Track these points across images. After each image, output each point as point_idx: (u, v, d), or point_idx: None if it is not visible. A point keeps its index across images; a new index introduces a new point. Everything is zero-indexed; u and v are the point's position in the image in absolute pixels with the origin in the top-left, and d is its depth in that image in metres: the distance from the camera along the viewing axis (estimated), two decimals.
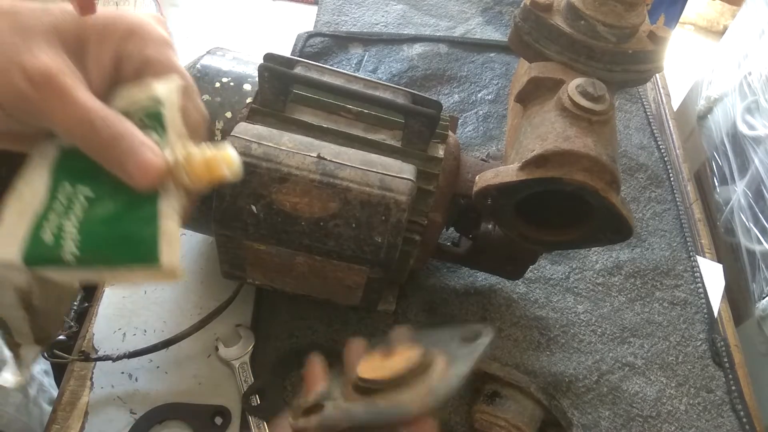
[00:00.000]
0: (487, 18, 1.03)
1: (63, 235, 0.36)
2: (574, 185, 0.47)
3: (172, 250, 0.36)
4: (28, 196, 0.37)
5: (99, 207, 0.37)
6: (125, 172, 0.36)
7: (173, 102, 0.39)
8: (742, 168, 1.08)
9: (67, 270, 0.36)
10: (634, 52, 0.53)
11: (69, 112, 0.35)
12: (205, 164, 0.37)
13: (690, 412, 0.68)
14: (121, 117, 0.37)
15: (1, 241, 0.37)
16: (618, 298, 0.75)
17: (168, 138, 0.38)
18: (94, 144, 0.36)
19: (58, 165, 0.38)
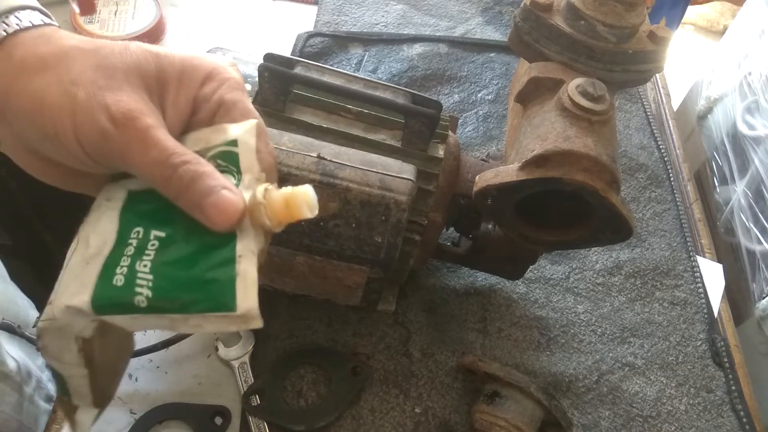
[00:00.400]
0: (487, 18, 1.03)
1: (135, 279, 0.34)
2: (574, 185, 0.47)
3: (249, 295, 0.34)
4: (96, 242, 0.36)
5: (173, 250, 0.36)
6: (204, 213, 0.35)
7: (249, 144, 0.38)
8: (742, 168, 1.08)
9: (137, 317, 0.35)
10: (634, 52, 0.53)
11: (150, 153, 0.35)
12: (285, 203, 0.36)
13: (690, 412, 0.68)
14: (200, 158, 0.36)
15: (70, 286, 0.35)
16: (618, 298, 0.75)
17: (244, 179, 0.37)
18: (174, 185, 0.35)
19: (128, 209, 0.38)
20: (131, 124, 0.35)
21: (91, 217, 0.38)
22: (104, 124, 0.34)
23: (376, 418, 0.62)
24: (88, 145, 0.35)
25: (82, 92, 0.35)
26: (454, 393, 0.65)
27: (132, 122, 0.35)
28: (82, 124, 0.34)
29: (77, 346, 0.37)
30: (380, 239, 0.52)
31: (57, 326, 0.36)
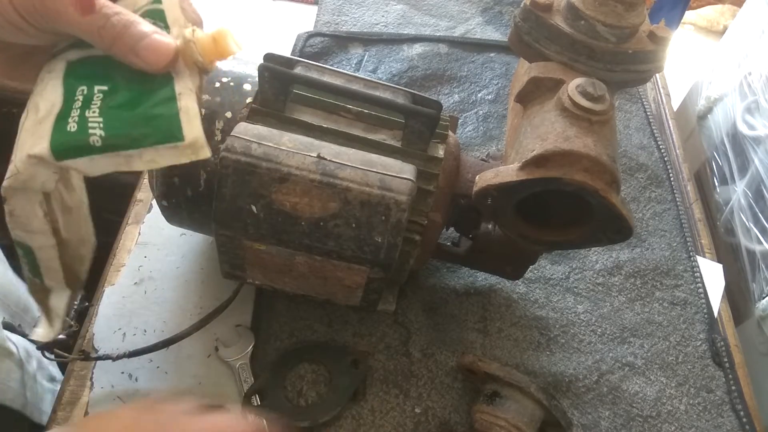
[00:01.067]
0: (487, 18, 1.03)
1: (87, 123, 0.38)
2: (574, 185, 0.47)
3: (193, 125, 0.38)
4: (44, 105, 0.39)
5: (117, 97, 0.39)
6: (139, 56, 0.38)
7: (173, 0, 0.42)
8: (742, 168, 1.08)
9: (95, 159, 0.38)
10: (634, 52, 0.53)
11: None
12: (213, 40, 0.40)
13: (690, 412, 0.68)
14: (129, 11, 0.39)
15: (27, 141, 0.38)
16: (618, 298, 0.75)
17: (172, 31, 0.41)
18: (108, 33, 0.38)
19: (69, 75, 0.41)
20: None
21: (37, 88, 0.41)
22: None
23: (376, 418, 0.62)
24: (23, 9, 0.37)
25: None
26: (454, 393, 0.65)
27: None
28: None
29: (42, 210, 0.40)
30: (380, 239, 0.52)
31: (21, 180, 0.38)
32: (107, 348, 0.64)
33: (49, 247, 0.42)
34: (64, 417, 0.61)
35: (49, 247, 0.42)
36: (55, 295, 0.46)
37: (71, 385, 0.63)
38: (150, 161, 0.39)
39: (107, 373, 0.63)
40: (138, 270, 0.70)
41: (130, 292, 0.69)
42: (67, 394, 0.62)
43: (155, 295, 0.68)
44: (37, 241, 0.42)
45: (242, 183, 0.50)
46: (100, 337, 0.65)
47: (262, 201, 0.50)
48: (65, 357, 0.63)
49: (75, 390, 0.62)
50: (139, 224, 0.74)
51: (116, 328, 0.66)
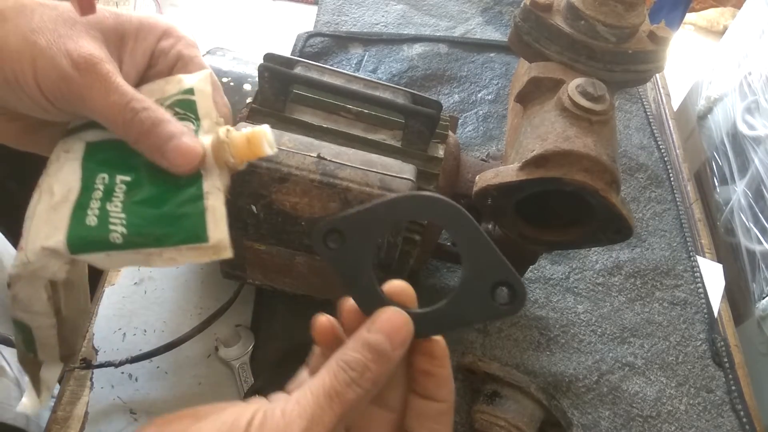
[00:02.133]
0: (487, 18, 1.03)
1: (108, 218, 0.36)
2: (574, 185, 0.47)
3: (219, 227, 0.36)
4: (59, 190, 0.37)
5: (142, 191, 0.37)
6: (165, 157, 0.36)
7: (205, 91, 0.40)
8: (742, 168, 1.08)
9: (112, 254, 0.36)
10: (634, 52, 0.53)
11: (111, 96, 0.36)
12: (247, 141, 0.38)
13: (690, 412, 0.68)
14: (158, 106, 0.38)
15: (41, 230, 0.36)
16: (618, 298, 0.75)
17: (203, 124, 0.39)
18: (135, 129, 0.36)
19: (88, 158, 0.39)
20: (92, 68, 0.36)
21: (51, 168, 0.39)
22: (66, 68, 0.35)
23: None
24: (48, 90, 0.36)
25: (43, 39, 0.36)
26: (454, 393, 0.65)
27: (93, 66, 0.36)
28: (43, 69, 0.35)
29: (47, 294, 0.38)
30: (380, 239, 0.51)
31: (30, 270, 0.37)
32: (107, 348, 0.64)
33: (49, 326, 0.40)
34: (63, 417, 0.61)
35: (49, 327, 0.40)
36: (46, 368, 0.44)
37: (71, 386, 0.63)
38: (170, 260, 0.37)
39: (107, 374, 0.63)
40: (138, 270, 0.70)
41: (130, 292, 0.69)
42: (67, 395, 0.62)
43: (155, 295, 0.68)
44: (37, 322, 0.40)
45: (242, 183, 0.50)
46: (100, 336, 0.65)
47: (262, 201, 0.50)
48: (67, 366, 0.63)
49: (75, 390, 0.62)
50: None
51: (116, 328, 0.66)
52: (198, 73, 0.41)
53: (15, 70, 0.36)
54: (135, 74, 0.40)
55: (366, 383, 0.31)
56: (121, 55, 0.39)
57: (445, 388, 0.34)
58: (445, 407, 0.34)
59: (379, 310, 0.32)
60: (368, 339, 0.31)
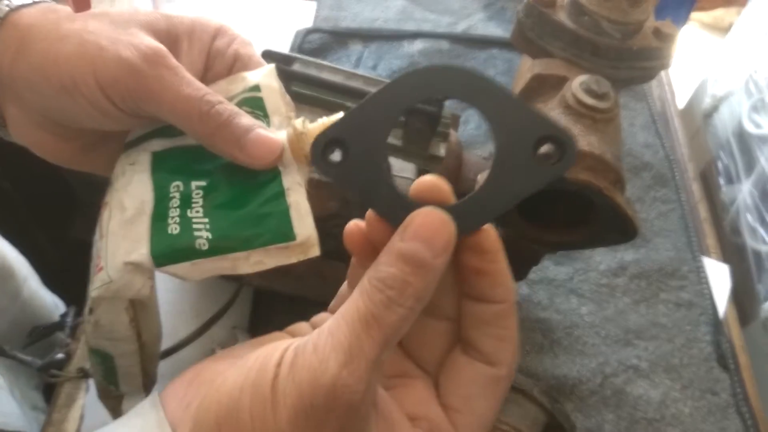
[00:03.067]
0: (489, 14, 1.02)
1: (191, 225, 0.34)
2: (577, 184, 0.46)
3: (305, 223, 0.35)
4: (133, 203, 0.36)
5: (220, 195, 0.36)
6: (244, 149, 0.35)
7: (272, 86, 0.39)
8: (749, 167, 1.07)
9: (198, 262, 0.34)
10: (638, 49, 0.52)
11: (185, 90, 0.34)
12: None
13: (695, 415, 0.67)
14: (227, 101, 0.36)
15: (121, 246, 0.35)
16: (622, 300, 0.74)
17: (273, 121, 0.38)
18: (212, 122, 0.35)
19: (157, 168, 0.37)
20: (162, 60, 0.34)
21: (118, 183, 0.37)
22: (134, 60, 0.34)
23: None
24: (111, 89, 0.34)
25: (103, 39, 0.34)
26: None
27: (162, 59, 0.34)
28: (106, 67, 0.34)
29: (128, 316, 0.36)
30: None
31: (113, 290, 0.35)
32: None
33: (132, 353, 0.39)
34: (59, 420, 0.60)
35: (132, 353, 0.39)
36: (128, 402, 0.42)
37: (67, 389, 0.62)
38: (257, 263, 0.35)
39: None
40: None
41: None
42: (62, 397, 0.61)
43: None
44: (119, 348, 0.38)
45: None
46: None
47: None
48: (63, 376, 0.62)
49: (71, 393, 0.62)
50: None
51: None
52: (262, 68, 0.40)
53: (73, 75, 0.34)
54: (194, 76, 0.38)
55: (408, 301, 0.26)
56: (178, 57, 0.37)
57: (502, 287, 0.29)
58: (505, 308, 0.29)
59: (411, 214, 0.27)
60: (403, 249, 0.26)
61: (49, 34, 0.35)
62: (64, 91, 0.35)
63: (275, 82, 0.39)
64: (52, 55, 0.34)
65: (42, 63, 0.34)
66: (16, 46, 0.35)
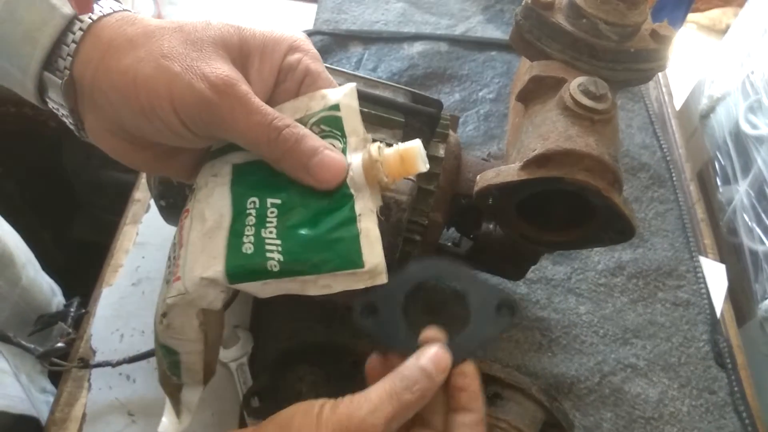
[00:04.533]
0: (488, 16, 1.02)
1: (264, 245, 0.35)
2: (575, 185, 0.47)
3: (374, 251, 0.35)
4: (213, 216, 0.37)
5: (294, 215, 0.36)
6: (310, 172, 0.36)
7: (352, 106, 0.39)
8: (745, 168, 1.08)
9: (268, 282, 0.35)
10: (636, 51, 0.52)
11: (253, 117, 0.36)
12: (400, 159, 0.37)
13: (692, 413, 0.67)
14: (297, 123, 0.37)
15: (199, 260, 0.36)
16: (620, 299, 0.74)
17: (350, 141, 0.38)
18: (279, 147, 0.36)
19: (237, 181, 0.38)
20: (231, 90, 0.35)
21: (201, 194, 0.38)
22: (205, 92, 0.35)
23: None
24: (186, 116, 0.36)
25: (177, 65, 0.35)
26: None
27: (231, 88, 0.35)
28: (181, 95, 0.35)
29: (198, 320, 0.38)
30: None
31: (187, 300, 0.36)
32: (105, 349, 0.64)
33: (198, 352, 0.40)
34: (61, 418, 0.60)
35: (198, 353, 0.40)
36: (188, 390, 0.43)
37: (69, 388, 0.62)
38: (325, 286, 0.36)
39: (105, 375, 0.62)
40: (136, 270, 0.70)
41: (127, 293, 0.68)
42: (65, 396, 0.62)
43: (153, 296, 0.67)
44: (187, 348, 0.40)
45: None
46: (98, 338, 0.65)
47: None
48: (64, 366, 0.63)
49: (73, 391, 0.62)
50: (137, 224, 0.74)
51: (114, 329, 0.65)
52: (343, 87, 0.40)
53: (151, 98, 0.35)
54: (264, 93, 0.39)
55: (416, 393, 0.36)
56: (248, 73, 0.38)
57: (478, 401, 0.40)
58: (479, 417, 0.39)
59: (425, 347, 0.39)
60: (420, 363, 0.38)
61: (129, 53, 0.36)
62: (142, 113, 0.36)
63: (355, 102, 0.39)
64: (131, 77, 0.35)
65: (122, 84, 0.36)
66: (97, 60, 0.36)
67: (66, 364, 0.63)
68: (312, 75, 0.40)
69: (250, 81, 0.38)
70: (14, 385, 0.64)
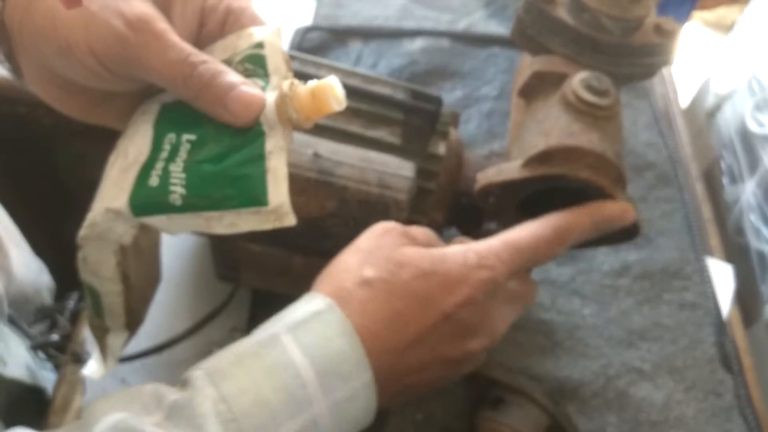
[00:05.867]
0: (490, 11, 1.01)
1: (169, 179, 0.35)
2: (578, 182, 0.46)
3: (279, 189, 0.35)
4: (133, 152, 0.37)
5: (205, 150, 0.36)
6: (227, 108, 0.36)
7: (275, 45, 0.39)
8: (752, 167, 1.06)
9: (173, 217, 0.35)
10: (639, 45, 0.51)
11: (168, 54, 0.36)
12: (312, 95, 0.36)
13: (698, 417, 0.66)
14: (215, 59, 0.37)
15: (109, 192, 0.36)
16: (625, 301, 0.73)
17: (271, 80, 0.38)
18: (195, 83, 0.36)
19: (161, 119, 0.38)
20: (147, 27, 0.35)
21: (129, 130, 0.39)
22: (120, 29, 0.35)
23: (376, 424, 0.61)
24: (103, 54, 0.36)
25: (95, 4, 0.35)
26: (457, 399, 0.63)
27: (147, 25, 0.36)
28: (97, 33, 0.35)
29: (115, 259, 0.38)
30: None
31: (97, 232, 0.36)
32: None
33: (116, 293, 0.40)
34: (56, 422, 0.60)
35: (116, 293, 0.40)
36: (113, 335, 0.43)
37: (63, 390, 0.62)
38: (231, 225, 0.36)
39: None
40: None
41: None
42: (59, 399, 0.61)
43: None
44: (104, 287, 0.40)
45: None
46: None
47: None
48: (58, 357, 0.62)
49: (67, 394, 0.62)
50: None
51: None
52: (269, 26, 0.40)
53: (68, 37, 0.36)
54: (188, 35, 0.39)
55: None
56: (171, 16, 0.38)
57: None
58: None
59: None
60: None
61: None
62: (62, 54, 0.36)
63: (279, 41, 0.39)
64: (50, 18, 0.36)
65: (44, 25, 0.36)
66: (25, 5, 0.37)
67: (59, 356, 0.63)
68: (234, 13, 0.40)
69: (174, 24, 0.38)
70: (26, 355, 0.64)
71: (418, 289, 0.41)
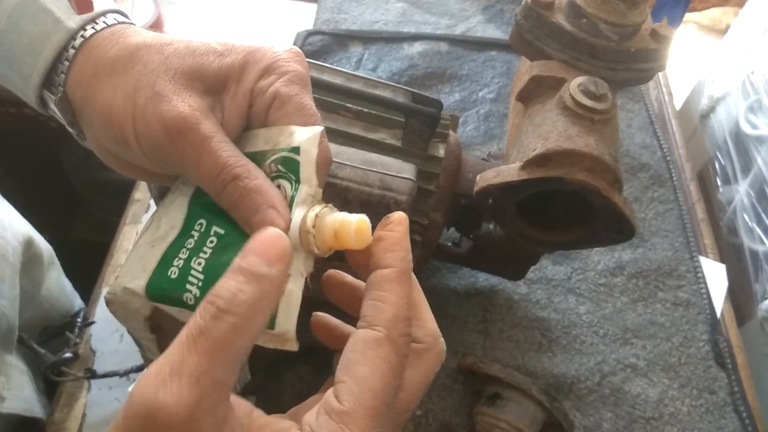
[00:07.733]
0: (488, 16, 1.02)
1: (188, 275, 0.35)
2: (575, 185, 0.47)
3: (289, 316, 0.34)
4: (165, 225, 0.37)
5: (228, 252, 0.35)
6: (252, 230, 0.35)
7: (310, 154, 0.38)
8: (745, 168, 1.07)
9: (184, 312, 0.35)
10: (636, 51, 0.52)
11: (203, 167, 0.36)
12: (334, 232, 0.35)
13: (692, 413, 0.67)
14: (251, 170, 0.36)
15: (132, 267, 0.36)
16: (620, 299, 0.74)
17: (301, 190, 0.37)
18: (225, 200, 0.36)
19: (196, 197, 0.38)
20: (183, 136, 0.35)
21: (168, 198, 0.39)
22: (159, 136, 0.35)
23: None
24: (148, 152, 0.37)
25: (141, 98, 0.36)
26: (455, 395, 0.64)
27: (185, 135, 0.35)
28: (142, 133, 0.36)
29: (143, 316, 0.38)
30: None
31: (118, 302, 0.37)
32: (105, 349, 0.64)
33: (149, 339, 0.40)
34: (61, 419, 0.60)
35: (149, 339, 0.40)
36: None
37: (68, 387, 0.62)
38: None
39: None
40: None
41: None
42: (64, 396, 0.62)
43: None
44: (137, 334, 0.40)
45: None
46: (98, 338, 0.65)
47: None
48: (73, 376, 0.62)
49: (72, 392, 0.62)
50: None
51: (113, 330, 0.65)
52: (309, 129, 0.38)
53: (123, 131, 0.36)
54: (238, 117, 0.39)
55: (239, 308, 0.27)
56: (223, 99, 0.38)
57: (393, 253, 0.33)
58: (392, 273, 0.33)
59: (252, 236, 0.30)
60: (241, 263, 0.28)
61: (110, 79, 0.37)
62: (118, 143, 0.37)
63: (315, 149, 0.38)
64: (107, 110, 0.37)
65: (101, 115, 0.37)
66: (85, 85, 0.38)
67: (72, 374, 0.62)
68: (281, 98, 0.38)
69: (224, 107, 0.38)
70: (29, 386, 0.64)
71: None
